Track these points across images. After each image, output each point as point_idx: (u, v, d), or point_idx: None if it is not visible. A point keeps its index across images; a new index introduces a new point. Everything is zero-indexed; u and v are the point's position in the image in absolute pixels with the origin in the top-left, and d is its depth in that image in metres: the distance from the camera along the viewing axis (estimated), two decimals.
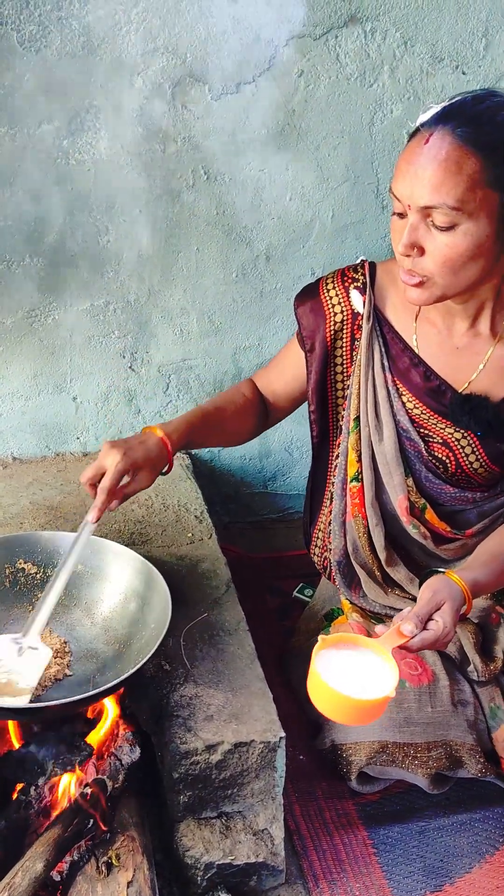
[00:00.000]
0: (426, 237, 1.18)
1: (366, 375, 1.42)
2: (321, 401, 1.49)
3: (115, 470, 1.24)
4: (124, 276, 1.70)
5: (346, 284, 1.43)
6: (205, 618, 1.41)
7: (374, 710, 1.10)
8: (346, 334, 1.43)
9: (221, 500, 2.04)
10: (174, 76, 1.54)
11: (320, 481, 1.58)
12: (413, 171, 1.15)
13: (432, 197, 1.14)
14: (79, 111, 1.53)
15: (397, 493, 1.44)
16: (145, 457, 1.29)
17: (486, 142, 1.12)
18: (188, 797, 1.23)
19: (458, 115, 1.13)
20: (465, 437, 1.38)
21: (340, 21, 1.57)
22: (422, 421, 1.41)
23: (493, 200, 1.15)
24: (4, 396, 1.78)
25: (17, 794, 1.25)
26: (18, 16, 1.44)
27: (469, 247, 1.17)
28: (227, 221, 1.70)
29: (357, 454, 1.46)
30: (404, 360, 1.40)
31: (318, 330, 1.44)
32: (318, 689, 1.10)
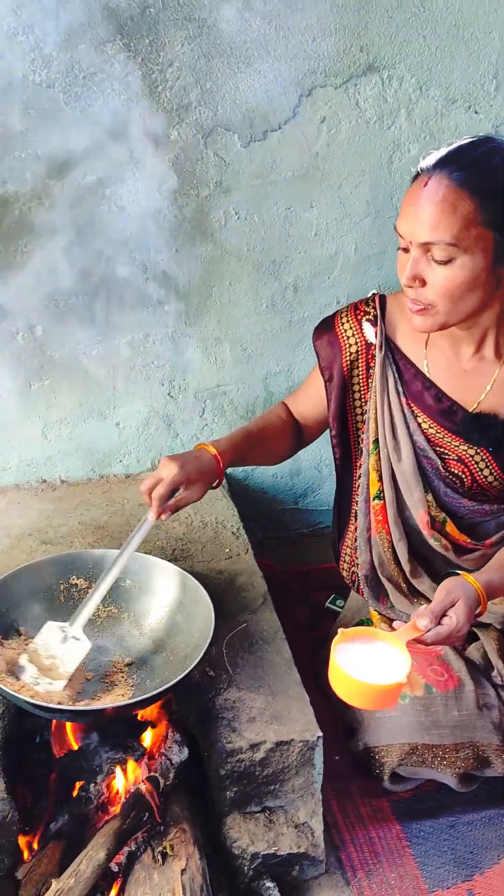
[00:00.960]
0: (427, 270, 1.29)
1: (381, 400, 1.53)
2: (342, 426, 1.60)
3: (169, 480, 1.37)
4: (163, 310, 1.83)
5: (359, 317, 1.54)
6: (244, 627, 1.52)
7: (389, 695, 1.20)
8: (361, 363, 1.55)
9: (255, 517, 2.15)
10: (206, 127, 1.67)
11: (345, 500, 1.68)
12: (414, 211, 1.27)
13: (431, 234, 1.26)
14: (120, 162, 1.66)
15: (418, 508, 1.54)
16: (198, 471, 1.41)
17: (480, 185, 1.24)
18: (234, 793, 1.33)
19: (454, 160, 1.26)
20: (478, 453, 1.48)
21: (359, 70, 1.69)
22: (437, 440, 1.51)
23: (487, 238, 1.26)
24: (53, 424, 1.91)
25: (77, 790, 1.37)
26: (65, 77, 1.58)
27: (466, 279, 1.28)
28: (256, 257, 1.82)
29: (378, 474, 1.57)
30: (417, 384, 1.50)
31: (335, 361, 1.56)
32: (337, 677, 1.21)
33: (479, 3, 1.68)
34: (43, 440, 1.92)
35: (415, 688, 1.49)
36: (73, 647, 1.37)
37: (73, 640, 1.37)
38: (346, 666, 1.20)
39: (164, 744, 1.41)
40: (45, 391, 1.86)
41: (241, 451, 1.52)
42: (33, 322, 1.78)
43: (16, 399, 1.85)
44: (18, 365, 1.82)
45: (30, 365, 1.82)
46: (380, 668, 1.21)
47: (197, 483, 1.41)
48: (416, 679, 1.50)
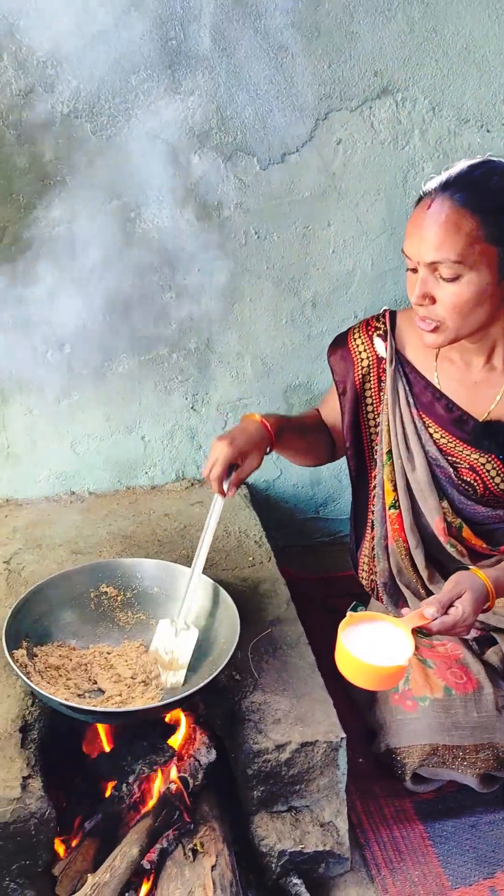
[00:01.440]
0: (435, 288, 1.35)
1: (393, 412, 1.58)
2: (356, 438, 1.66)
3: (223, 459, 1.44)
4: (186, 327, 1.90)
5: (370, 333, 1.60)
6: (269, 633, 1.57)
7: (391, 677, 1.26)
8: (373, 377, 1.60)
9: (277, 526, 2.20)
10: (227, 152, 1.74)
11: (362, 510, 1.73)
12: (419, 233, 1.33)
13: (436, 254, 1.31)
14: (144, 187, 1.73)
15: (433, 515, 1.59)
16: (248, 441, 1.47)
17: (480, 204, 1.30)
18: (261, 792, 1.38)
19: (455, 182, 1.32)
20: (489, 462, 1.53)
21: (374, 94, 1.75)
22: (448, 449, 1.56)
23: (491, 254, 1.32)
24: (81, 438, 1.98)
25: (110, 791, 1.42)
26: (91, 109, 1.65)
27: (474, 294, 1.33)
28: (276, 274, 1.89)
29: (392, 484, 1.62)
30: (427, 395, 1.56)
31: (348, 375, 1.62)
32: (343, 658, 1.27)
33: (490, 26, 1.74)
34: (72, 454, 1.99)
35: (435, 690, 1.53)
36: (185, 637, 1.48)
37: (183, 630, 1.48)
38: (351, 648, 1.26)
39: (192, 745, 1.46)
40: (73, 407, 1.93)
41: (285, 424, 1.57)
42: (62, 340, 1.85)
43: (46, 415, 1.92)
44: (48, 381, 1.89)
45: (59, 381, 1.89)
46: (384, 650, 1.27)
47: (251, 453, 1.47)
48: (435, 682, 1.54)
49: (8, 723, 1.35)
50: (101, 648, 1.52)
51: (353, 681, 1.28)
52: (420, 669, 1.56)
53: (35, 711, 1.39)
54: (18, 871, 1.27)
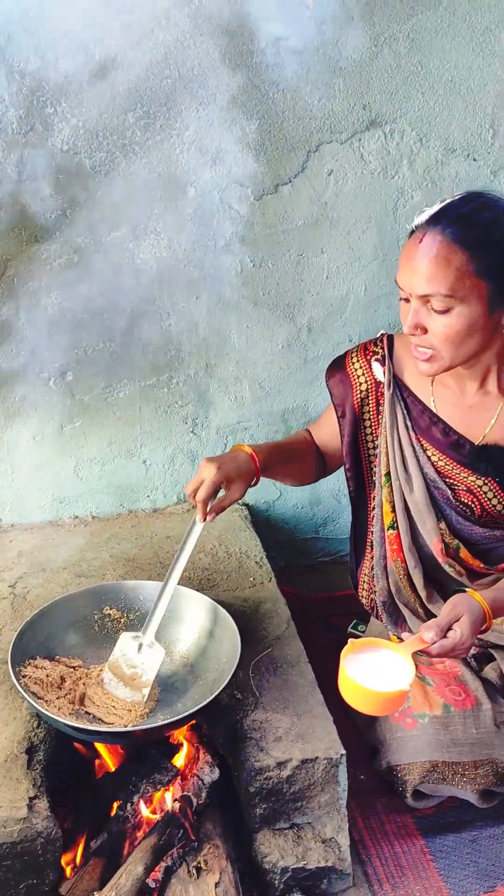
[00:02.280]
0: (427, 319, 1.39)
1: (391, 435, 1.61)
2: (355, 459, 1.69)
3: (210, 481, 1.45)
4: (185, 353, 1.95)
5: (368, 357, 1.64)
6: (269, 652, 1.60)
7: (394, 701, 1.28)
8: (371, 401, 1.64)
9: (278, 546, 2.24)
10: (221, 184, 1.79)
11: (361, 530, 1.76)
12: (411, 265, 1.36)
13: (428, 287, 1.35)
14: (142, 219, 1.79)
15: (431, 536, 1.62)
16: (236, 469, 1.49)
17: (471, 239, 1.33)
18: (263, 809, 1.40)
19: (446, 216, 1.35)
20: (486, 484, 1.56)
21: (363, 126, 1.81)
22: (446, 471, 1.59)
23: (481, 287, 1.35)
24: (84, 462, 2.02)
25: (115, 810, 1.44)
26: (90, 146, 1.71)
27: (464, 325, 1.37)
28: (271, 301, 1.94)
29: (391, 505, 1.64)
30: (425, 419, 1.59)
31: (347, 398, 1.65)
32: (346, 685, 1.29)
33: (473, 59, 1.80)
34: (75, 478, 2.03)
35: (434, 708, 1.55)
36: (150, 654, 1.49)
37: (148, 648, 1.49)
38: (354, 674, 1.28)
39: (195, 764, 1.49)
40: (76, 433, 1.98)
41: (273, 456, 1.59)
42: (64, 368, 1.90)
43: (49, 441, 1.97)
44: (51, 409, 1.94)
45: (61, 408, 1.94)
46: (386, 676, 1.29)
47: (236, 482, 1.48)
48: (434, 699, 1.57)
49: (14, 744, 1.38)
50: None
51: (357, 707, 1.31)
52: (419, 687, 1.59)
53: (41, 733, 1.42)
54: (26, 890, 1.29)
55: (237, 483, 1.49)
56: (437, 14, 1.74)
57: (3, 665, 1.51)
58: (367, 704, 1.30)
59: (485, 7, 1.76)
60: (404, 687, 1.27)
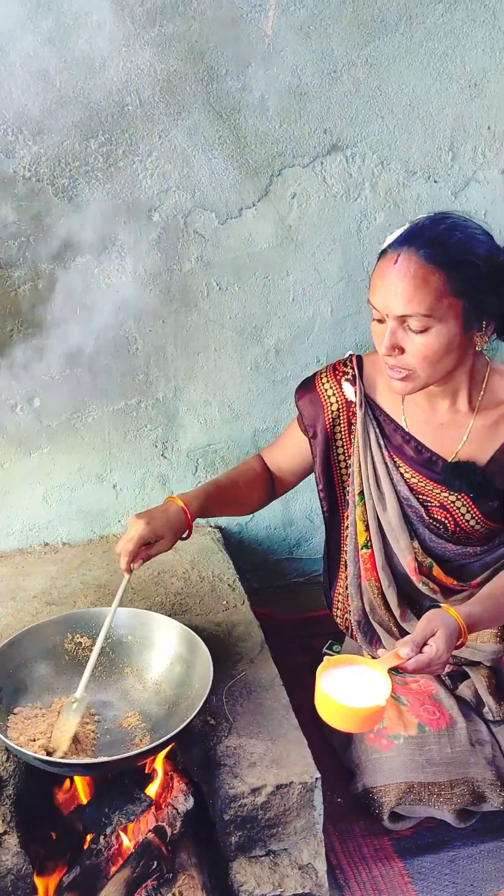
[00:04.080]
0: (404, 339, 1.39)
1: (364, 454, 1.62)
2: (328, 479, 1.69)
3: (137, 537, 1.48)
4: (153, 377, 1.94)
5: (338, 377, 1.65)
6: (243, 676, 1.59)
7: (370, 718, 1.27)
8: (343, 420, 1.65)
9: (251, 568, 2.23)
10: (185, 209, 1.80)
11: (335, 550, 1.76)
12: (386, 286, 1.37)
13: (406, 308, 1.36)
14: (107, 244, 1.79)
15: (405, 555, 1.62)
16: (166, 524, 1.51)
17: (445, 260, 1.35)
18: (238, 837, 1.39)
19: (419, 237, 1.36)
20: (459, 500, 1.57)
21: (324, 150, 1.83)
22: (419, 489, 1.60)
23: (457, 306, 1.37)
24: (53, 489, 2.00)
25: (88, 843, 1.42)
26: (52, 172, 1.71)
27: (443, 344, 1.38)
28: (238, 323, 1.94)
29: (365, 524, 1.65)
30: (397, 437, 1.60)
31: (318, 419, 1.66)
32: (322, 702, 1.28)
33: (431, 83, 1.83)
34: (44, 505, 2.01)
35: (408, 727, 1.55)
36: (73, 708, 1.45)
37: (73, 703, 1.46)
38: (329, 691, 1.27)
39: (170, 793, 1.47)
40: (44, 458, 1.96)
41: (212, 501, 1.61)
42: (31, 394, 1.88)
43: (17, 467, 1.95)
44: (18, 435, 1.92)
45: (29, 435, 1.93)
46: (362, 692, 1.28)
47: (165, 535, 1.51)
48: (409, 719, 1.56)
49: None
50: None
51: (333, 725, 1.30)
52: (394, 707, 1.59)
53: (10, 767, 1.39)
54: None
55: (167, 537, 1.51)
56: (394, 40, 1.78)
57: None
58: (343, 721, 1.29)
59: (441, 33, 1.79)
60: (380, 703, 1.26)
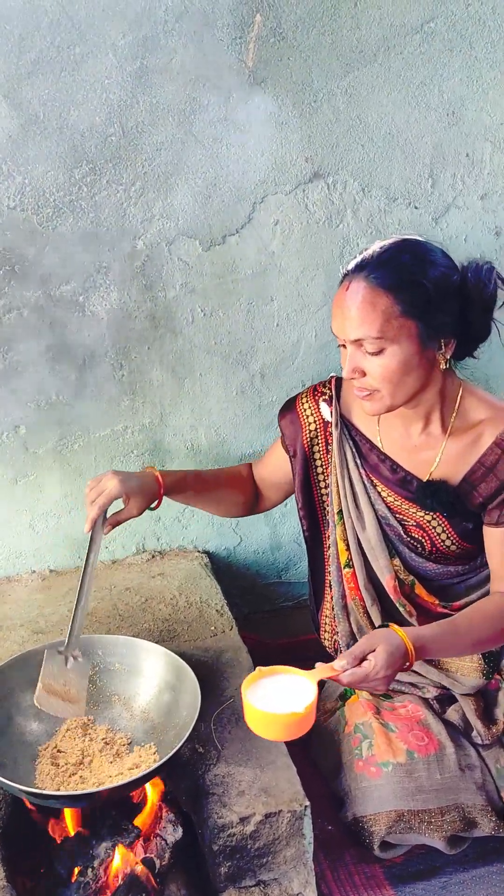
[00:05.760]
0: (363, 361, 1.43)
1: (342, 473, 1.64)
2: (307, 498, 1.72)
3: (109, 493, 1.49)
4: (139, 403, 1.95)
5: (317, 398, 1.68)
6: (231, 703, 1.58)
7: (296, 724, 1.27)
8: (321, 440, 1.68)
9: (240, 593, 2.22)
10: (169, 236, 1.82)
11: (319, 571, 1.77)
12: (341, 312, 1.42)
13: (358, 331, 1.40)
14: (91, 272, 1.80)
15: (384, 573, 1.63)
16: (138, 487, 1.53)
17: (392, 282, 1.38)
18: (228, 867, 1.37)
19: (369, 263, 1.41)
20: (434, 519, 1.58)
21: (306, 178, 1.85)
22: (396, 507, 1.61)
23: (410, 326, 1.40)
24: (40, 516, 2.00)
25: (75, 876, 1.40)
26: (36, 202, 1.73)
27: (399, 364, 1.41)
28: (223, 349, 1.96)
29: (345, 543, 1.67)
30: (373, 457, 1.62)
31: (297, 438, 1.69)
32: (247, 712, 1.28)
33: (410, 112, 1.86)
34: (31, 532, 2.01)
35: (398, 755, 1.54)
36: (78, 667, 1.49)
37: (73, 659, 1.50)
38: (254, 701, 1.27)
39: (158, 824, 1.45)
40: (30, 486, 1.96)
41: (188, 484, 1.65)
42: (17, 422, 1.89)
43: (3, 495, 1.95)
44: (4, 462, 1.92)
45: (15, 462, 1.92)
46: (289, 700, 1.28)
47: (135, 498, 1.53)
48: (398, 746, 1.56)
49: None
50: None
51: (259, 733, 1.30)
52: (382, 734, 1.58)
53: None
54: None
55: (136, 499, 1.53)
56: (372, 70, 1.81)
57: None
58: (266, 729, 1.29)
59: (419, 63, 1.83)
60: (298, 710, 1.25)
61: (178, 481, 1.63)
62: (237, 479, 1.79)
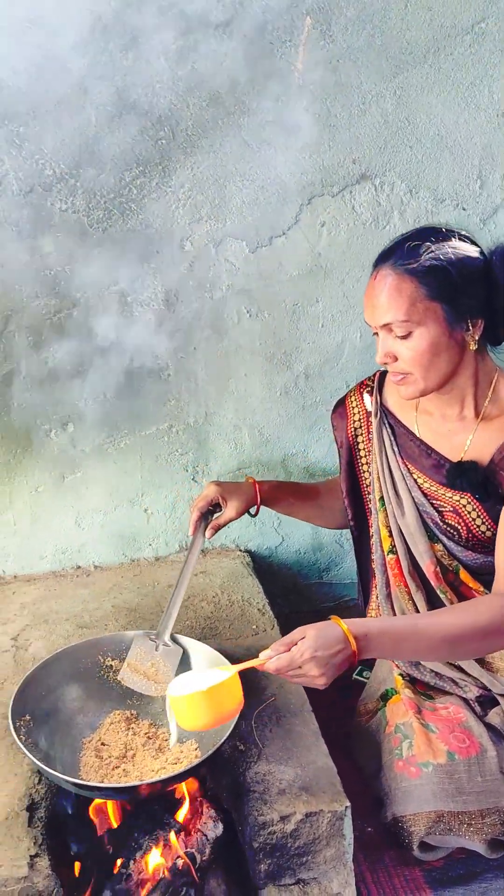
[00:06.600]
0: (394, 346, 1.49)
1: (381, 460, 1.69)
2: (352, 487, 1.78)
3: (205, 494, 1.68)
4: (184, 402, 1.97)
5: (362, 391, 1.76)
6: (272, 701, 1.59)
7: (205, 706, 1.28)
8: (364, 430, 1.74)
9: (281, 593, 2.23)
10: (217, 238, 1.84)
11: (364, 561, 1.81)
12: (370, 301, 1.49)
13: (386, 316, 1.46)
14: (140, 274, 1.83)
15: (424, 559, 1.65)
16: (235, 489, 1.70)
17: (416, 268, 1.44)
18: (268, 865, 1.38)
19: (394, 252, 1.47)
20: (469, 503, 1.59)
21: (353, 180, 1.86)
22: (432, 493, 1.64)
23: (435, 308, 1.44)
24: (86, 513, 2.03)
25: (118, 868, 1.42)
26: (87, 205, 1.76)
27: (428, 346, 1.46)
28: (268, 350, 1.97)
29: (388, 529, 1.70)
30: (410, 444, 1.66)
31: (343, 429, 1.77)
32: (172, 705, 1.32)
33: (460, 113, 1.85)
34: (77, 528, 2.04)
35: (438, 755, 1.53)
36: (168, 652, 1.57)
37: (165, 646, 1.57)
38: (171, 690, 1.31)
39: (199, 819, 1.47)
40: (77, 483, 1.99)
41: (285, 490, 1.81)
42: (65, 420, 1.92)
43: (50, 492, 1.98)
44: (52, 459, 1.96)
45: (63, 459, 1.96)
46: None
47: (232, 500, 1.68)
48: (438, 747, 1.55)
49: (15, 801, 1.37)
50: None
51: (187, 725, 1.32)
52: (423, 734, 1.57)
53: (42, 789, 1.41)
54: None
55: (233, 502, 1.68)
56: (422, 72, 1.80)
57: (3, 720, 1.51)
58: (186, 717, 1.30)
59: (468, 64, 1.82)
60: (201, 688, 1.26)
61: (274, 487, 1.77)
62: (330, 492, 1.86)
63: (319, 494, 1.86)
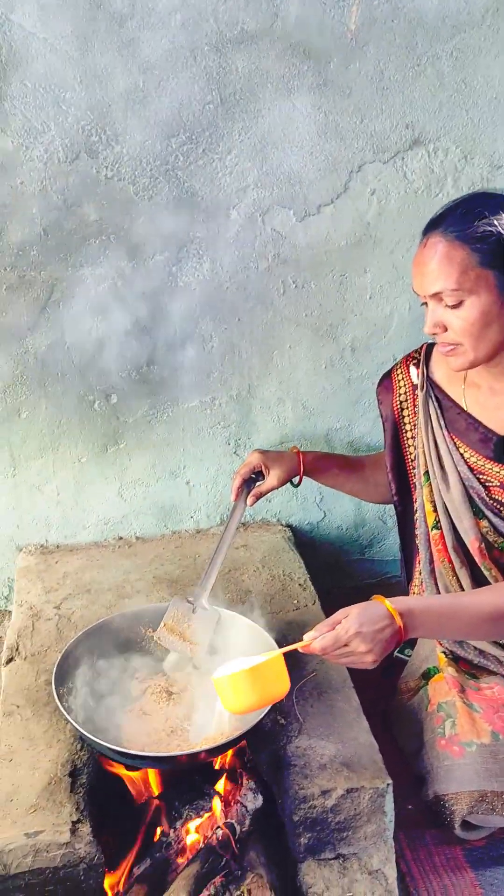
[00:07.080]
0: (444, 316, 1.44)
1: (426, 434, 1.65)
2: (396, 462, 1.74)
3: (248, 461, 1.71)
4: (227, 374, 1.95)
5: (408, 363, 1.71)
6: (313, 676, 1.58)
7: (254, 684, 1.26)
8: (409, 403, 1.70)
9: (323, 568, 2.21)
10: (263, 206, 1.80)
11: (408, 537, 1.77)
12: (419, 269, 1.45)
13: (436, 285, 1.41)
14: (185, 242, 1.80)
15: (469, 535, 1.61)
16: (278, 458, 1.71)
17: (467, 234, 1.39)
18: (308, 839, 1.38)
19: (444, 219, 1.43)
20: None
21: (405, 146, 1.80)
22: (478, 468, 1.59)
23: (487, 276, 1.40)
24: (128, 484, 2.03)
25: (158, 836, 1.43)
26: (133, 172, 1.73)
27: (479, 315, 1.41)
28: (314, 321, 1.93)
29: (432, 504, 1.66)
30: (456, 417, 1.62)
31: (388, 403, 1.73)
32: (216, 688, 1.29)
33: None
34: (119, 500, 2.04)
35: (482, 735, 1.51)
36: (204, 615, 1.59)
37: (202, 609, 1.58)
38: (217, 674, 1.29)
39: (239, 791, 1.47)
40: (120, 454, 1.99)
41: (330, 461, 1.80)
42: (108, 391, 1.92)
43: (93, 462, 1.99)
44: (95, 431, 1.96)
45: (106, 430, 1.96)
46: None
47: (274, 469, 1.68)
48: (482, 726, 1.52)
49: (58, 767, 1.38)
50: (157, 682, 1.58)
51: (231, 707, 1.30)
52: (466, 713, 1.55)
53: (84, 756, 1.42)
54: None
55: (276, 470, 1.69)
56: (480, 32, 1.73)
57: (47, 687, 1.52)
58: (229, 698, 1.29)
59: None
60: (245, 667, 1.25)
61: (319, 458, 1.77)
62: (376, 466, 1.82)
63: (364, 467, 1.84)
